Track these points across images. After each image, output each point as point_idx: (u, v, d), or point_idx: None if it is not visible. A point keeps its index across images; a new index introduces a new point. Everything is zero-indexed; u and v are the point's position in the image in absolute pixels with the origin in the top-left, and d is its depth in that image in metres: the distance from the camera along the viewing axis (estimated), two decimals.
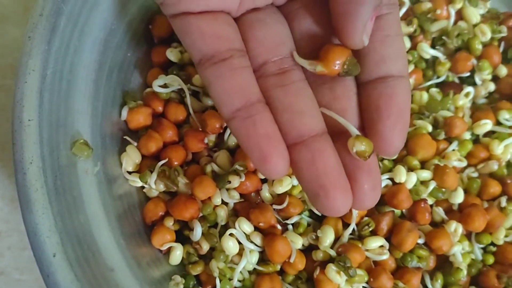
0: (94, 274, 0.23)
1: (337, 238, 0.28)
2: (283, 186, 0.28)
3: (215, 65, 0.22)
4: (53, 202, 0.23)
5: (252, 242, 0.28)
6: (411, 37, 0.34)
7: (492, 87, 0.34)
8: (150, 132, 0.29)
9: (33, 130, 0.23)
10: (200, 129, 0.29)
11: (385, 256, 0.28)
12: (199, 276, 0.29)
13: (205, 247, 0.28)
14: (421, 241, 0.29)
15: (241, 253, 0.28)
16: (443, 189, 0.30)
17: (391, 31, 0.22)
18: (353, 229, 0.29)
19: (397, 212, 0.30)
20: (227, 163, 0.29)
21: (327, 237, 0.28)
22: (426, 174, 0.30)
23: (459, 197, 0.30)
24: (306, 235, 0.28)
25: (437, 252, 0.29)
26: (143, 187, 0.30)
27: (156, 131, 0.30)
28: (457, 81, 0.35)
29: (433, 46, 0.35)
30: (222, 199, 0.29)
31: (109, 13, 0.28)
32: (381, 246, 0.28)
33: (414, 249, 0.28)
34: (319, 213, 0.29)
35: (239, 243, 0.28)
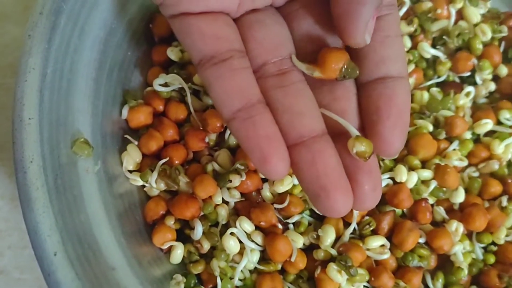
0: (95, 273, 0.23)
1: (338, 237, 0.28)
2: (284, 185, 0.28)
3: (215, 65, 0.21)
4: (53, 201, 0.23)
5: (253, 241, 0.28)
6: (411, 36, 0.34)
7: (492, 86, 0.34)
8: (150, 131, 0.29)
9: (33, 128, 0.23)
10: (201, 128, 0.29)
11: (386, 256, 0.28)
12: (200, 275, 0.29)
13: (206, 246, 0.28)
14: (422, 240, 0.29)
15: (242, 252, 0.28)
16: (444, 188, 0.30)
17: (390, 32, 0.22)
18: (354, 228, 0.29)
19: (398, 211, 0.30)
20: (228, 162, 0.29)
21: (328, 236, 0.28)
22: (427, 174, 0.30)
23: (460, 197, 0.30)
24: (307, 234, 0.28)
25: (438, 252, 0.29)
26: (143, 186, 0.30)
27: (157, 130, 0.30)
28: (457, 80, 0.35)
29: (433, 46, 0.35)
30: (223, 198, 0.29)
31: (109, 12, 0.28)
32: (382, 246, 0.28)
33: (415, 249, 0.28)
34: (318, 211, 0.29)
35: (240, 242, 0.27)
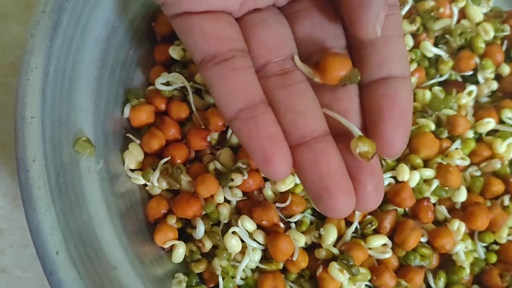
0: (97, 272, 0.23)
1: (340, 237, 0.28)
2: (285, 184, 0.28)
3: (218, 65, 0.21)
4: (55, 200, 0.23)
5: (255, 240, 0.28)
6: (414, 35, 0.34)
7: (495, 85, 0.34)
8: (152, 130, 0.29)
9: (35, 127, 0.23)
10: (203, 127, 0.29)
11: (388, 255, 0.28)
12: (202, 274, 0.29)
13: (207, 245, 0.28)
14: (424, 239, 0.29)
15: (243, 251, 0.28)
16: (446, 187, 0.30)
17: (393, 32, 0.22)
18: (356, 227, 0.29)
19: (400, 210, 0.30)
20: (229, 161, 0.29)
21: (330, 235, 0.28)
22: (429, 173, 0.30)
23: (462, 196, 0.30)
24: (309, 233, 0.28)
25: (440, 251, 0.29)
26: (145, 185, 0.30)
27: (158, 129, 0.30)
28: (460, 79, 0.34)
29: (436, 45, 0.34)
30: (225, 197, 0.29)
31: (111, 10, 0.28)
32: (384, 245, 0.28)
33: (417, 248, 0.28)
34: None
35: (242, 241, 0.27)
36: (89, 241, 0.24)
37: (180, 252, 0.28)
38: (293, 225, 0.29)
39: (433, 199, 0.30)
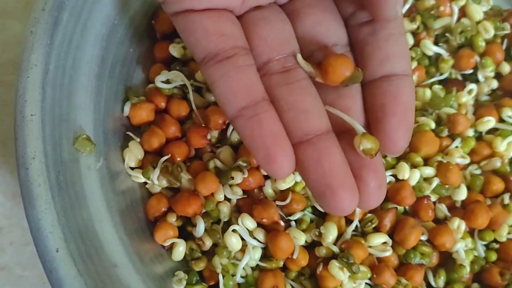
0: (97, 270, 0.23)
1: (340, 235, 0.28)
2: (286, 182, 0.28)
3: (219, 63, 0.21)
4: (55, 198, 0.23)
5: (255, 238, 0.28)
6: (414, 34, 0.34)
7: (495, 84, 0.34)
8: (152, 128, 0.29)
9: (35, 125, 0.23)
10: (203, 125, 0.29)
11: (388, 253, 0.28)
12: (202, 272, 0.29)
13: (208, 243, 0.28)
14: (424, 237, 0.29)
15: (244, 249, 0.28)
16: (446, 186, 0.30)
17: (395, 29, 0.22)
18: (356, 225, 0.29)
19: (400, 208, 0.30)
20: (230, 159, 0.29)
21: (330, 233, 0.28)
22: (429, 171, 0.30)
23: (462, 194, 0.30)
24: (309, 231, 0.28)
25: (440, 249, 0.29)
26: (145, 183, 0.30)
27: (158, 126, 0.29)
28: (460, 78, 0.34)
29: (436, 43, 0.34)
30: (225, 195, 0.29)
31: (111, 8, 0.28)
32: (384, 243, 0.28)
33: (417, 246, 0.28)
34: (322, 210, 0.29)
35: (242, 239, 0.27)
36: (89, 239, 0.24)
37: (180, 250, 0.28)
38: (293, 223, 0.29)
39: (433, 198, 0.30)
